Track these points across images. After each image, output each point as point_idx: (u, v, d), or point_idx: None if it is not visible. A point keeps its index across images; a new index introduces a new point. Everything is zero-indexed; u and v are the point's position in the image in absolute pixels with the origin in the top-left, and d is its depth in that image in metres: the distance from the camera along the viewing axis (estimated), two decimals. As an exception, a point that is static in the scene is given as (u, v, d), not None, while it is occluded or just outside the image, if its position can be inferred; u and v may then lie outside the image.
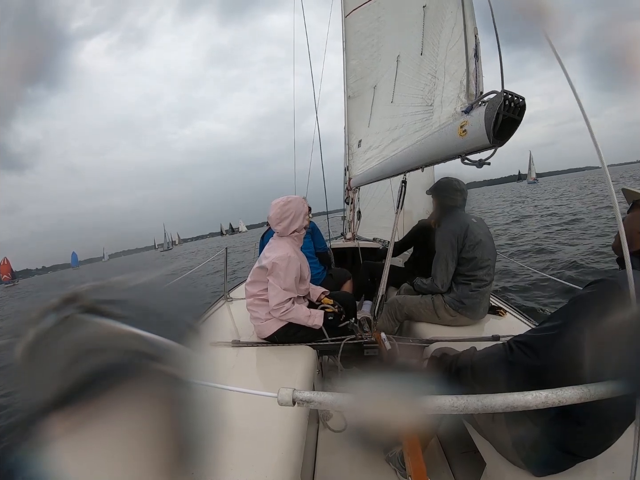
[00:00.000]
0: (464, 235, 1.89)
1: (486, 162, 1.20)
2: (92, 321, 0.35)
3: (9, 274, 55.83)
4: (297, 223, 1.87)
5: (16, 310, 0.37)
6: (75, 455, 0.33)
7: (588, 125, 0.69)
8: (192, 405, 0.38)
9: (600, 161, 0.69)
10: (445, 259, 1.93)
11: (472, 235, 1.89)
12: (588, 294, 0.86)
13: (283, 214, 1.84)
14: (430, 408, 0.63)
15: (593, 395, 0.61)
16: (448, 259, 1.93)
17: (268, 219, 1.92)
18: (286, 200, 1.87)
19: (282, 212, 1.84)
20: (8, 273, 55.94)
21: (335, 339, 1.78)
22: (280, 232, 1.88)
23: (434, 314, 1.98)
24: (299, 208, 1.88)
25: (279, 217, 1.85)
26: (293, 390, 0.66)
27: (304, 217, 1.92)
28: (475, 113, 1.17)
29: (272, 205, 1.90)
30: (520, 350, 0.91)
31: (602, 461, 0.93)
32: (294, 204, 1.87)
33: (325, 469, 1.41)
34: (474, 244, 1.89)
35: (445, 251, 1.93)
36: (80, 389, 0.33)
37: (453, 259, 1.92)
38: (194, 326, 0.42)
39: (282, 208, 1.85)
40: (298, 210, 1.87)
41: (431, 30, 1.73)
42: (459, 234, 1.90)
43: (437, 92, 1.61)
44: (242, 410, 1.12)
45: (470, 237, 1.89)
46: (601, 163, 0.69)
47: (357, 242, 3.94)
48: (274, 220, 1.87)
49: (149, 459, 0.36)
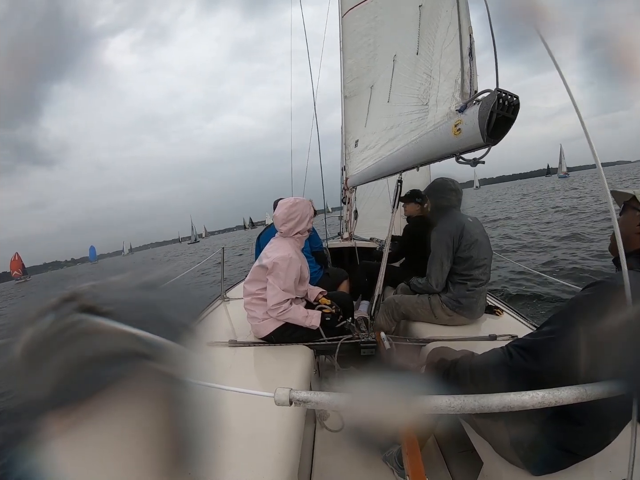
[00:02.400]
0: (459, 235, 1.90)
1: (480, 160, 1.21)
2: (90, 321, 0.34)
3: (20, 270, 54.21)
4: (301, 225, 1.88)
5: (15, 310, 0.37)
6: (71, 455, 0.33)
7: (581, 120, 0.69)
8: (189, 405, 0.38)
9: (595, 160, 0.69)
10: (440, 258, 1.94)
11: (469, 235, 1.90)
12: (586, 296, 0.86)
13: (289, 215, 1.84)
14: (427, 408, 0.63)
15: (589, 395, 0.61)
16: (443, 259, 1.93)
17: (273, 218, 1.92)
18: (294, 202, 1.87)
19: (289, 214, 1.84)
20: (19, 269, 54.31)
21: (332, 339, 1.78)
22: (284, 232, 1.88)
23: (431, 314, 1.98)
24: (305, 211, 1.88)
25: (285, 218, 1.85)
26: (290, 390, 0.66)
27: (309, 220, 1.92)
28: (470, 112, 1.17)
29: (279, 204, 1.90)
30: (520, 356, 0.91)
31: (599, 460, 0.93)
32: (301, 206, 1.87)
33: (323, 469, 1.41)
34: (469, 244, 1.89)
35: (441, 251, 1.93)
36: (77, 388, 0.33)
37: (448, 259, 1.93)
38: (191, 326, 0.42)
39: (290, 209, 1.85)
40: (304, 213, 1.87)
41: (427, 29, 1.73)
42: (455, 234, 1.90)
43: (433, 92, 1.62)
44: (239, 410, 1.12)
45: (467, 237, 1.89)
46: (596, 162, 0.69)
47: (354, 242, 3.94)
48: (279, 221, 1.86)
49: (146, 458, 0.36)
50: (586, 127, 0.69)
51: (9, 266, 55.17)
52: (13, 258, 54.57)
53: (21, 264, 54.80)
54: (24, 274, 54.82)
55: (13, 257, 54.35)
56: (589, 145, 0.69)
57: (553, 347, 0.85)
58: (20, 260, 54.75)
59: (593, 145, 0.68)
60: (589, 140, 0.68)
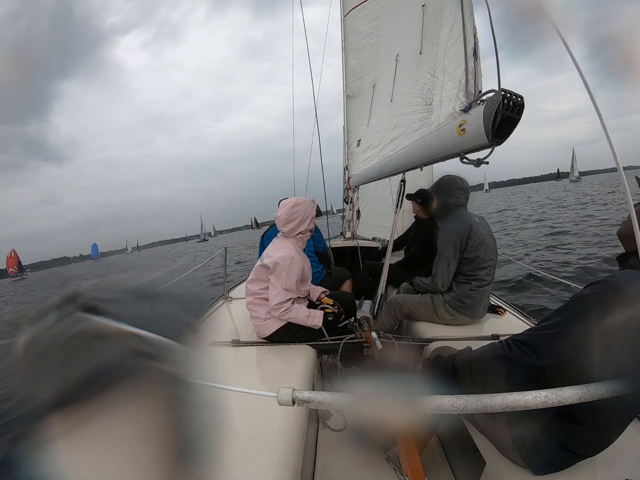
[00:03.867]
0: (467, 236, 1.88)
1: (484, 161, 1.20)
2: (92, 320, 0.35)
3: (16, 267, 52.19)
4: (303, 225, 1.87)
5: (18, 308, 0.37)
6: (74, 455, 0.33)
7: (600, 118, 0.69)
8: (191, 405, 0.38)
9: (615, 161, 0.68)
10: (447, 258, 1.92)
11: (476, 235, 1.88)
12: (588, 294, 0.86)
13: (291, 216, 1.84)
14: (430, 408, 0.63)
15: (592, 395, 0.61)
16: (450, 259, 1.91)
17: (275, 218, 1.91)
18: (295, 202, 1.86)
19: (291, 214, 1.84)
20: (14, 266, 52.21)
21: (335, 339, 1.78)
22: (286, 233, 1.88)
23: (434, 313, 1.97)
24: (307, 211, 1.87)
25: (287, 219, 1.84)
26: (293, 390, 0.66)
27: (311, 220, 1.91)
28: (474, 112, 1.17)
29: (281, 205, 1.89)
30: (519, 349, 0.91)
31: (601, 460, 0.93)
32: (302, 206, 1.86)
33: (325, 468, 1.41)
34: (477, 244, 1.88)
35: (448, 251, 1.91)
36: (80, 388, 0.33)
37: (455, 259, 1.91)
38: (194, 326, 0.42)
39: (291, 210, 1.84)
40: (306, 213, 1.87)
41: (430, 29, 1.72)
42: (462, 235, 1.88)
43: (436, 92, 1.61)
44: (242, 409, 1.12)
45: (474, 237, 1.87)
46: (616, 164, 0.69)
47: (356, 242, 3.94)
48: (281, 221, 1.86)
49: (149, 457, 0.36)
50: (607, 128, 0.68)
51: (5, 263, 53.12)
52: (9, 255, 52.62)
53: (17, 260, 52.78)
54: (20, 271, 52.76)
55: (9, 253, 52.51)
56: (609, 146, 0.68)
57: (553, 342, 0.85)
58: (16, 257, 52.72)
59: (613, 145, 0.67)
60: (609, 140, 0.68)
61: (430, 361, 1.18)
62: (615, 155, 0.71)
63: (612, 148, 0.68)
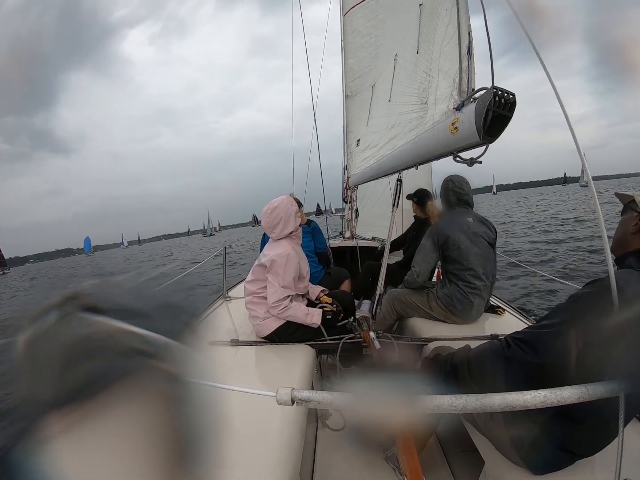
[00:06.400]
0: (445, 235, 1.95)
1: (477, 160, 1.20)
2: (92, 319, 0.35)
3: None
4: (290, 225, 1.84)
5: (19, 307, 0.37)
6: (73, 454, 0.33)
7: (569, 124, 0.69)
8: (190, 404, 0.38)
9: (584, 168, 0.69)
10: (425, 249, 2.01)
11: (455, 237, 1.92)
12: (587, 293, 0.86)
13: (272, 221, 1.82)
14: (429, 407, 0.63)
15: (592, 395, 0.61)
16: (428, 251, 1.99)
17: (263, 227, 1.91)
18: (272, 207, 1.83)
19: (271, 220, 1.82)
20: None
21: (334, 338, 1.78)
22: (276, 237, 1.86)
23: (427, 305, 2.02)
24: (287, 210, 1.83)
25: (270, 225, 1.83)
26: (292, 389, 0.66)
27: (296, 217, 1.88)
28: (466, 110, 1.16)
29: (261, 214, 1.88)
30: (518, 347, 0.91)
31: (600, 459, 0.93)
32: (280, 208, 1.83)
33: (324, 468, 1.41)
34: (456, 247, 1.93)
35: (427, 244, 2.00)
36: (79, 387, 0.33)
37: (433, 252, 1.99)
38: (193, 325, 0.42)
39: (270, 216, 1.82)
40: (287, 213, 1.83)
41: (427, 28, 1.72)
42: (441, 233, 1.96)
43: (432, 90, 1.61)
44: (241, 409, 1.12)
45: (454, 238, 1.92)
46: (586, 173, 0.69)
47: (355, 241, 3.94)
48: (267, 229, 1.86)
49: (148, 457, 0.36)
50: (569, 120, 0.68)
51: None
52: (-11, 248, 49.07)
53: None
54: (1, 266, 50.30)
55: (-11, 247, 50.81)
56: (574, 142, 0.68)
57: (551, 340, 0.85)
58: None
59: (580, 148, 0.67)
60: (574, 136, 0.68)
61: (429, 360, 1.18)
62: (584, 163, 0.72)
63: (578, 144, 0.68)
